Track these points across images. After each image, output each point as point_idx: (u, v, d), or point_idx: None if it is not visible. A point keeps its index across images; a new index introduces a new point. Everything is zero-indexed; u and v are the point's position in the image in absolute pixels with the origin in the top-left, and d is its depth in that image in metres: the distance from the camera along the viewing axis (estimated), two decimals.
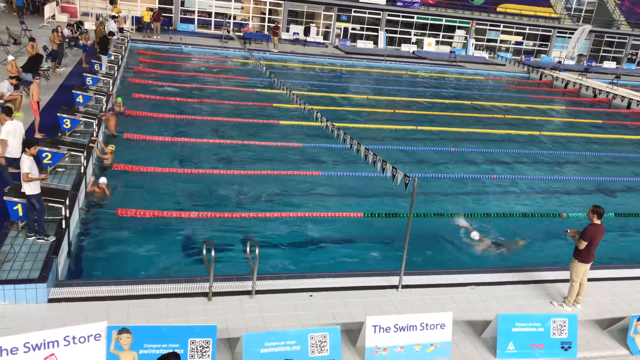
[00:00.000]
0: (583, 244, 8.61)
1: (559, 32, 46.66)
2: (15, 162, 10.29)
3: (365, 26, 42.44)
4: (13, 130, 10.58)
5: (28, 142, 8.83)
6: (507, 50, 46.48)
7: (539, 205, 14.60)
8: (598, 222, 8.68)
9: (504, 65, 41.56)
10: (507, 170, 17.19)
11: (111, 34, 24.86)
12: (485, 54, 44.67)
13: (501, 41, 46.34)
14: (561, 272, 9.89)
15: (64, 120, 13.79)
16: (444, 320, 7.58)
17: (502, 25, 45.35)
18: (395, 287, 8.91)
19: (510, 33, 46.13)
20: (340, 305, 8.29)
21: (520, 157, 18.74)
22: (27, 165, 8.50)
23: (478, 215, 13.18)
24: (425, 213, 12.65)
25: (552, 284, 9.67)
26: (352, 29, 42.21)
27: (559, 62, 42.83)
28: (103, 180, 12.02)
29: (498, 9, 45.02)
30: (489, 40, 45.86)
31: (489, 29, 45.40)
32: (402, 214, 12.33)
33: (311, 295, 8.45)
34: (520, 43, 46.74)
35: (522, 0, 45.64)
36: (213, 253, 7.69)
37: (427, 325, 7.47)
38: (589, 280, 9.14)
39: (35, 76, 15.26)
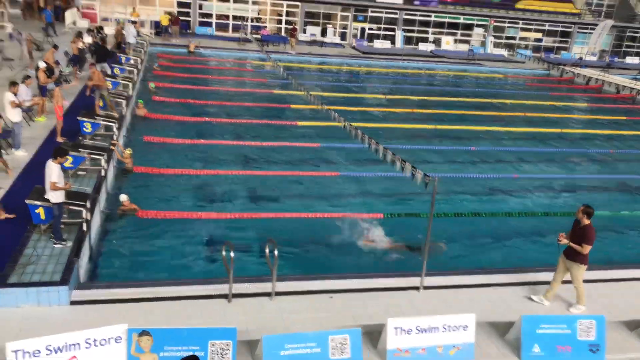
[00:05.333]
0: (588, 248, 8.33)
1: (579, 28, 45.92)
2: None
3: (382, 26, 42.25)
4: None
5: (60, 151, 8.73)
6: (526, 47, 45.89)
7: (560, 204, 14.33)
8: (588, 222, 8.35)
9: (524, 62, 41.00)
10: (528, 169, 16.91)
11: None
12: (504, 52, 44.12)
13: (520, 38, 45.75)
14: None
15: (85, 124, 13.93)
16: (467, 321, 7.45)
17: (521, 22, 44.77)
18: (417, 288, 8.79)
19: (529, 30, 45.52)
20: (360, 306, 8.21)
21: (542, 156, 18.43)
22: (56, 174, 8.51)
23: (499, 214, 12.98)
24: (445, 212, 12.52)
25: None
26: (369, 29, 42.06)
27: (580, 58, 42.11)
28: (124, 197, 11.33)
29: (517, 6, 44.45)
30: (507, 38, 45.31)
31: (508, 26, 44.85)
32: (422, 214, 12.21)
33: (331, 297, 8.38)
34: (540, 40, 46.10)
35: None
36: (232, 254, 7.67)
37: (449, 326, 7.35)
38: (609, 280, 9.37)
39: (57, 84, 15.43)
